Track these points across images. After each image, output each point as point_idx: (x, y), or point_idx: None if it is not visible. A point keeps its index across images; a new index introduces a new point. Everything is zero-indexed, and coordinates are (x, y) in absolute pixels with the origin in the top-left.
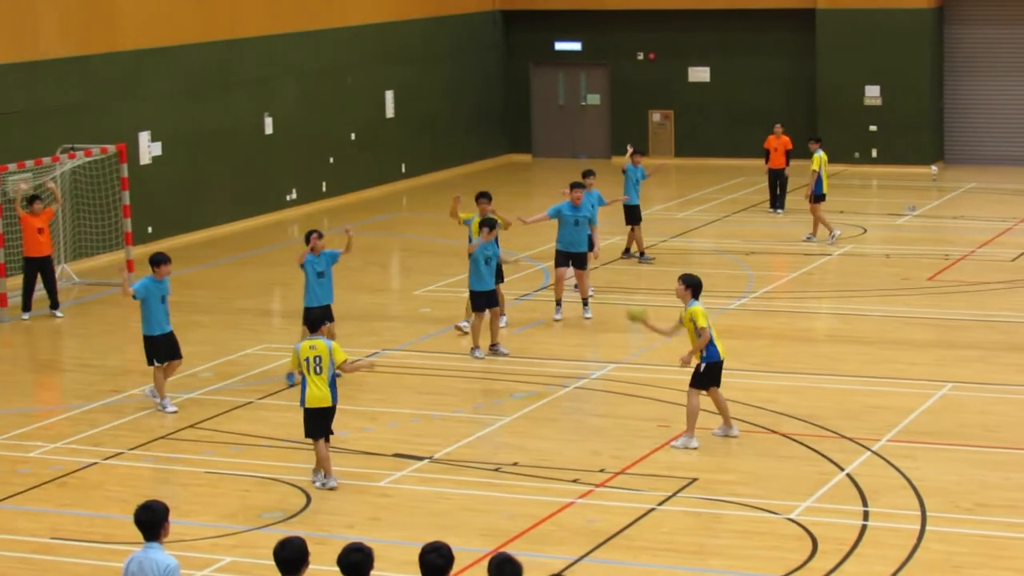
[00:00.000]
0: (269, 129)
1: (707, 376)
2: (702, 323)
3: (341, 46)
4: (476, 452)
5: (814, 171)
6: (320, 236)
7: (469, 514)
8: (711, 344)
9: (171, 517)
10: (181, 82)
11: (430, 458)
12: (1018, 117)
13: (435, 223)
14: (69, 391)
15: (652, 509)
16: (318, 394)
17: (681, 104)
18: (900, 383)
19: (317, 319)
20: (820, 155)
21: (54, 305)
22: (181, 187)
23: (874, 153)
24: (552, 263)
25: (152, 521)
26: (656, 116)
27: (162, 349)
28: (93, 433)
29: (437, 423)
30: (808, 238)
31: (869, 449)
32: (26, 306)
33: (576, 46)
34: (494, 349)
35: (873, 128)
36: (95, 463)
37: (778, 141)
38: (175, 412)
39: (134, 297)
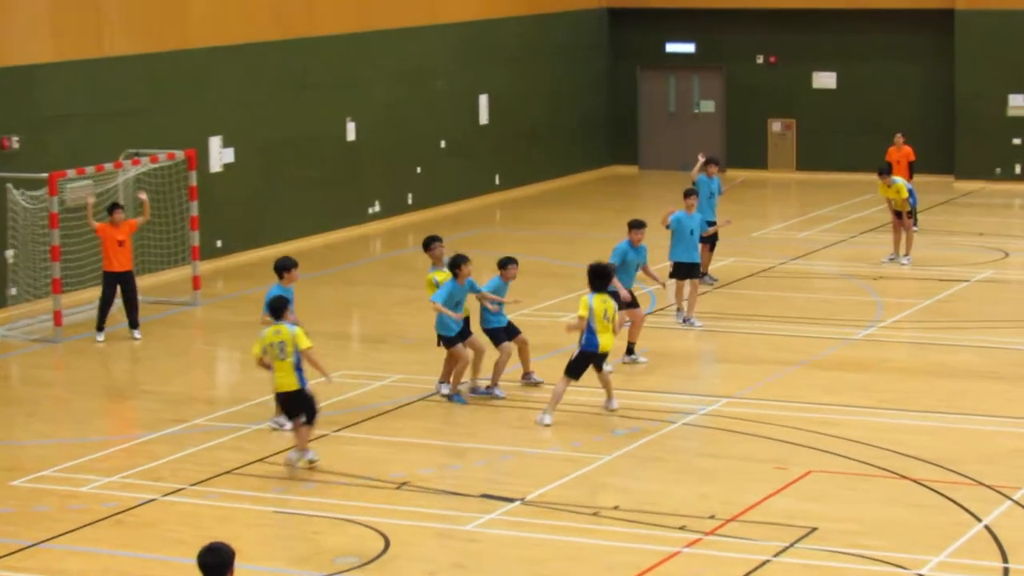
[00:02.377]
0: (351, 136)
1: (578, 363)
2: (581, 312)
3: (431, 46)
4: (573, 494)
5: (905, 198)
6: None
7: (565, 563)
8: (591, 334)
9: (236, 561)
10: (256, 83)
11: (522, 500)
12: None
13: (530, 240)
14: (127, 419)
15: (767, 561)
16: (283, 380)
17: (804, 113)
18: None
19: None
20: (901, 181)
21: (133, 325)
22: (254, 197)
23: (1018, 169)
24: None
25: (217, 564)
26: (776, 126)
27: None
28: (152, 466)
29: (530, 461)
30: (903, 260)
31: (1010, 498)
32: (100, 325)
33: (689, 48)
34: (528, 378)
35: (1017, 141)
36: (153, 499)
37: (899, 153)
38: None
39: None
